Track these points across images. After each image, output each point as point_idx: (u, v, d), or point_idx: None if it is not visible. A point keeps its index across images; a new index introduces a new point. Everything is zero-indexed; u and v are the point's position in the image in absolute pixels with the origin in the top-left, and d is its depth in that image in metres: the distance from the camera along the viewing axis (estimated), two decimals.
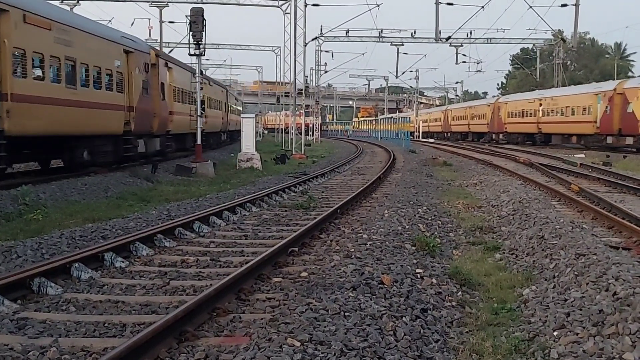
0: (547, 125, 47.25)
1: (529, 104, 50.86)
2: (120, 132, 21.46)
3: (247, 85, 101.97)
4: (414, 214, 12.62)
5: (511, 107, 54.69)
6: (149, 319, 5.89)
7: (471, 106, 68.59)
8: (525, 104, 51.74)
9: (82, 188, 15.78)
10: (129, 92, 22.06)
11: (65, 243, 9.16)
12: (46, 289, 6.85)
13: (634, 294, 6.02)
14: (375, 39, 53.16)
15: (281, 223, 11.91)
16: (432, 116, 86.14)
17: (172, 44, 50.83)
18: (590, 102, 40.53)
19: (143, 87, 23.45)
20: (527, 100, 51.99)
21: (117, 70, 21.01)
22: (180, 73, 30.48)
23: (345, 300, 6.16)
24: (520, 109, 52.52)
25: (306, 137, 47.63)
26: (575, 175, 21.89)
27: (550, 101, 46.85)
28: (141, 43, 25.25)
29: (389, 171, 23.31)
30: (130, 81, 22.13)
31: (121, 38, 22.19)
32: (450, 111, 76.02)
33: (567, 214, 12.85)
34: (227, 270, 7.87)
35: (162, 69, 26.34)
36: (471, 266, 8.83)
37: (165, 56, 28.58)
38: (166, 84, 27.20)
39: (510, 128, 54.66)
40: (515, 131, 53.54)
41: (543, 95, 49.92)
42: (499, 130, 57.00)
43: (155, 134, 25.24)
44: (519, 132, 52.98)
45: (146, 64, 23.98)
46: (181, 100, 30.47)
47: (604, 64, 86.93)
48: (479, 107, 65.23)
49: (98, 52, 19.51)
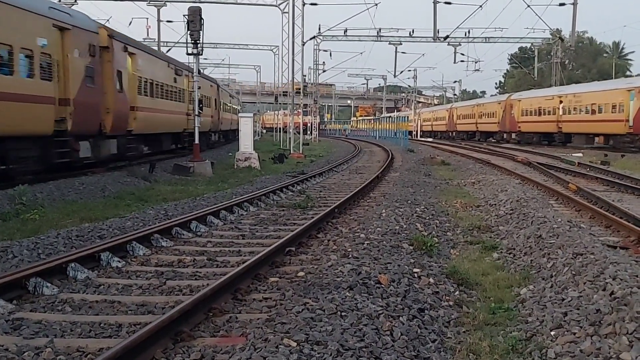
0: (569, 124, 43.44)
1: (547, 101, 46.96)
2: (50, 132, 16.74)
3: (245, 84, 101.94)
4: (411, 213, 12.60)
5: (526, 105, 50.93)
6: (145, 319, 5.87)
7: (479, 104, 65.31)
8: (543, 102, 47.82)
9: (79, 187, 15.75)
10: (64, 80, 17.19)
11: (61, 243, 9.13)
12: (42, 289, 6.82)
13: (632, 293, 6.01)
14: (373, 38, 53.28)
15: (279, 222, 11.89)
16: (435, 115, 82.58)
17: (170, 43, 50.87)
18: (622, 98, 36.85)
19: (87, 75, 18.51)
20: (545, 97, 48.08)
21: (43, 51, 16.13)
22: (150, 61, 25.52)
23: (342, 300, 6.14)
24: (536, 106, 48.69)
25: (304, 136, 47.65)
26: (573, 174, 21.90)
27: (573, 98, 42.99)
28: (84, 19, 19.56)
29: (387, 170, 23.30)
30: (65, 66, 17.22)
31: (50, 10, 16.87)
32: (455, 109, 72.51)
33: (565, 213, 12.84)
34: (224, 270, 7.85)
35: (119, 54, 21.14)
36: (469, 265, 8.82)
37: (123, 38, 22.33)
38: (126, 72, 21.89)
39: (524, 127, 51.04)
40: (530, 130, 49.97)
41: (564, 91, 46.26)
42: (512, 129, 53.48)
43: (109, 135, 20.41)
44: (534, 131, 49.36)
45: (92, 45, 19.05)
46: (151, 94, 25.28)
47: (602, 63, 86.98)
48: (488, 104, 61.81)
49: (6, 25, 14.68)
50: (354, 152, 38.62)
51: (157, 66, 26.59)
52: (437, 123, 79.74)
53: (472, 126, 65.25)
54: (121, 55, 21.49)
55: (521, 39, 56.51)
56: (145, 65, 24.31)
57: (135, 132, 23.02)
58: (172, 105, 28.62)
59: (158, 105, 26.07)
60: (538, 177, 20.62)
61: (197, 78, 24.73)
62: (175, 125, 29.69)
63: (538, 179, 19.94)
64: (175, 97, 29.19)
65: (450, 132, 73.79)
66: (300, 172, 23.05)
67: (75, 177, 17.33)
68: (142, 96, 23.95)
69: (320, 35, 54.05)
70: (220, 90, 45.44)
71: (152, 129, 25.74)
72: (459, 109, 71.38)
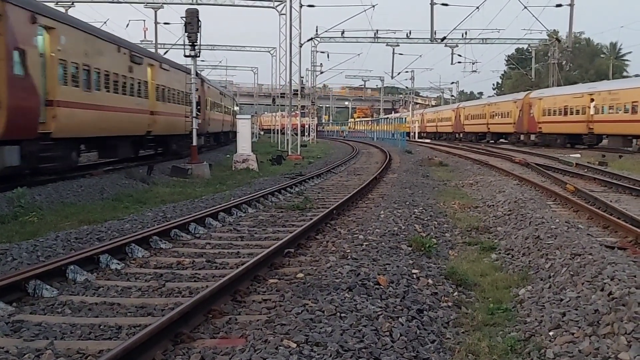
0: (603, 125, 39.05)
1: (575, 100, 42.58)
2: None
3: (242, 86, 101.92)
4: (410, 214, 12.62)
5: (548, 104, 46.31)
6: (144, 321, 5.88)
7: (491, 103, 61.13)
8: (570, 100, 43.40)
9: (77, 190, 15.75)
10: None
11: (60, 245, 9.14)
12: (42, 291, 6.83)
13: (629, 293, 6.02)
14: (370, 40, 53.32)
15: (277, 224, 11.90)
16: (440, 115, 78.32)
17: (168, 45, 50.88)
18: None
19: None
20: (573, 94, 43.70)
21: None
22: (85, 41, 19.52)
23: (341, 301, 6.15)
24: (561, 105, 44.26)
25: (302, 137, 47.66)
26: (571, 175, 21.94)
27: (608, 95, 38.63)
28: None
29: (385, 172, 23.32)
30: None
31: None
32: (462, 109, 68.42)
33: (563, 214, 12.87)
34: (223, 271, 7.87)
35: (20, 26, 15.19)
36: (467, 266, 8.84)
37: (31, 5, 16.26)
38: (34, 52, 15.93)
39: (546, 128, 46.42)
40: (553, 131, 45.44)
41: (595, 88, 41.97)
42: (531, 130, 49.23)
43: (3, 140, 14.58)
44: (558, 132, 44.85)
45: None
46: (88, 85, 19.38)
47: (599, 63, 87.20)
48: (503, 103, 57.34)
49: None
50: (351, 154, 38.65)
51: (98, 48, 20.29)
52: (442, 124, 76.18)
53: (483, 127, 61.57)
54: (25, 27, 15.50)
55: (518, 40, 56.58)
56: (74, 46, 18.47)
57: (55, 135, 17.06)
58: (128, 102, 22.50)
59: (102, 101, 20.06)
60: (536, 178, 20.65)
61: (194, 79, 24.72)
62: (132, 126, 23.36)
63: (536, 179, 19.97)
64: (132, 91, 23.03)
65: (457, 134, 69.79)
66: (298, 173, 23.07)
67: (74, 180, 17.33)
68: (69, 87, 18.09)
69: (317, 37, 54.09)
70: (207, 86, 38.91)
71: (92, 131, 19.90)
72: (467, 109, 67.56)
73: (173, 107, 29.09)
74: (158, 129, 26.44)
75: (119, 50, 22.23)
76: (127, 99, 22.77)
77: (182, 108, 29.05)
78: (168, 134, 28.71)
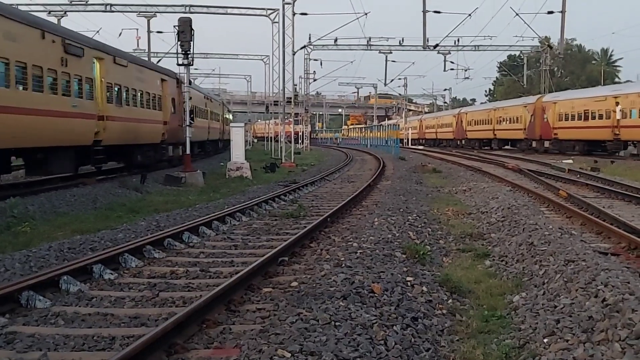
0: (632, 131, 35.37)
1: (598, 103, 39.08)
2: None
3: (236, 94, 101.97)
4: (403, 221, 12.63)
5: (565, 108, 42.83)
6: (138, 332, 5.85)
7: (498, 108, 57.32)
8: (590, 103, 39.80)
9: (70, 199, 15.70)
10: None
11: (53, 255, 9.10)
12: (34, 302, 6.80)
13: (623, 300, 6.04)
14: (363, 47, 53.47)
15: (271, 232, 11.89)
16: (440, 121, 74.91)
17: (161, 54, 50.87)
18: None
19: None
20: (594, 98, 40.10)
21: None
22: None
23: (335, 309, 6.15)
24: (581, 109, 40.68)
25: (296, 145, 47.68)
26: (564, 181, 21.99)
27: (637, 99, 35.18)
28: None
29: (378, 179, 23.34)
30: None
31: None
32: (465, 114, 64.92)
33: (556, 220, 12.90)
34: (217, 280, 7.85)
35: None
36: (461, 273, 8.85)
37: None
38: None
39: (562, 134, 42.83)
40: (571, 138, 41.84)
41: (622, 90, 38.64)
42: (545, 136, 45.58)
43: None
44: (577, 138, 41.20)
45: None
46: None
47: (591, 70, 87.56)
48: (511, 108, 53.18)
49: None
50: (345, 161, 38.67)
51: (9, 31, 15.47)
52: (442, 130, 72.86)
53: (488, 133, 57.63)
54: None
55: (510, 47, 56.86)
56: None
57: None
58: (58, 103, 17.74)
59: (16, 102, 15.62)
60: (529, 184, 20.71)
61: (187, 88, 24.72)
62: (67, 135, 18.64)
63: (529, 185, 20.02)
64: (66, 91, 18.26)
65: (459, 140, 66.25)
66: (292, 181, 23.05)
67: (67, 189, 17.26)
68: None
69: (310, 45, 54.20)
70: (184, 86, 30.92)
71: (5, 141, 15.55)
72: (469, 114, 63.95)
73: (138, 112, 23.96)
74: (111, 137, 21.55)
75: (43, 37, 17.03)
76: (58, 100, 17.71)
77: (153, 113, 25.52)
78: (130, 143, 23.52)
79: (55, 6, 39.86)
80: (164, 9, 41.61)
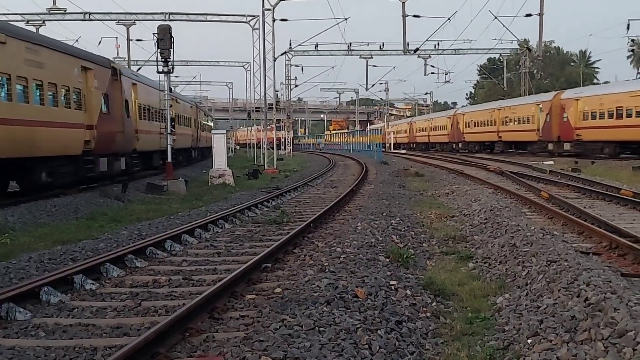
0: None
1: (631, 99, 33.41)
2: None
3: (217, 101, 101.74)
4: (387, 225, 12.64)
5: (591, 105, 37.45)
6: (120, 342, 5.79)
7: (503, 107, 51.25)
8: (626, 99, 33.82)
9: (51, 210, 15.54)
10: None
11: (33, 267, 8.99)
12: (15, 314, 6.70)
13: (605, 299, 6.07)
14: (344, 53, 53.66)
15: (254, 239, 11.84)
16: (433, 123, 69.88)
17: (141, 62, 50.64)
18: None
19: None
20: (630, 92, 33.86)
21: None
22: None
23: (319, 315, 6.12)
24: (611, 106, 35.03)
25: (278, 151, 47.61)
26: (545, 182, 22.15)
27: None
28: None
29: (361, 183, 23.36)
30: None
31: None
32: (462, 116, 60.22)
33: (538, 221, 12.98)
34: (200, 288, 7.79)
35: None
36: (445, 276, 8.86)
37: None
38: None
39: (586, 135, 37.74)
40: (598, 139, 36.60)
41: None
42: (564, 137, 40.31)
43: None
44: (608, 139, 35.77)
45: None
46: None
47: (570, 71, 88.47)
48: (520, 107, 47.71)
49: None
50: (328, 166, 38.69)
51: None
52: (435, 133, 68.01)
53: (491, 135, 52.43)
54: None
55: (490, 50, 57.17)
56: None
57: None
58: None
59: None
60: (510, 186, 20.82)
61: (168, 96, 24.59)
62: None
63: (511, 187, 20.13)
64: None
65: (455, 144, 61.78)
66: (275, 187, 23.01)
67: (47, 199, 17.08)
68: None
69: (291, 51, 54.29)
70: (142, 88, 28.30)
71: None
72: (467, 115, 59.07)
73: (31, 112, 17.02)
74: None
75: None
76: None
77: (67, 114, 19.05)
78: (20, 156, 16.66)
79: (34, 15, 39.59)
80: (143, 16, 41.38)
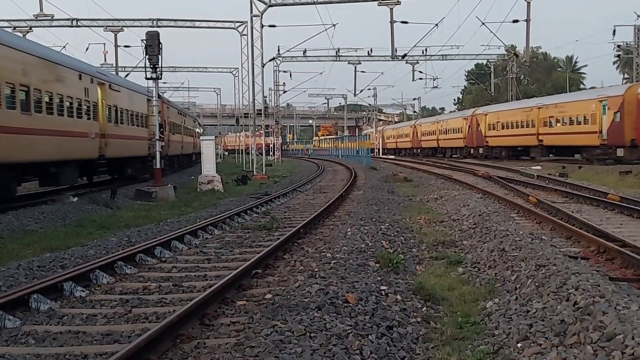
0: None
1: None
2: None
3: (205, 107, 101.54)
4: (376, 230, 12.67)
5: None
6: (111, 349, 5.77)
7: (544, 105, 40.67)
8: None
9: (39, 217, 15.45)
10: None
11: (22, 274, 8.94)
12: (4, 322, 6.66)
13: (594, 302, 6.13)
14: (332, 58, 53.78)
15: (244, 245, 11.83)
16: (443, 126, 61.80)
17: (129, 68, 50.50)
18: None
19: None
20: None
21: None
22: None
23: (310, 320, 6.13)
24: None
25: (267, 157, 47.57)
26: (533, 187, 22.27)
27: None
28: None
29: (350, 189, 23.39)
30: None
31: None
32: (484, 117, 50.40)
33: (527, 226, 13.05)
34: (190, 295, 7.78)
35: None
36: (435, 281, 8.90)
37: None
38: None
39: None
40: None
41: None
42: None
43: None
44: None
45: None
46: None
47: (557, 77, 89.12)
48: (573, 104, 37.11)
49: None
50: (317, 172, 38.69)
51: None
52: (447, 137, 60.46)
53: (528, 139, 42.01)
54: None
55: (477, 55, 57.57)
56: None
57: None
58: None
59: None
60: (499, 191, 20.92)
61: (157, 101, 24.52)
62: None
63: (499, 192, 20.23)
64: None
65: (473, 149, 53.32)
66: (264, 193, 22.99)
67: (35, 207, 17.00)
68: None
69: (279, 57, 54.30)
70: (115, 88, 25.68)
71: None
72: (490, 115, 49.58)
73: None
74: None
75: None
76: None
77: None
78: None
79: (20, 22, 39.41)
80: (131, 22, 41.33)
